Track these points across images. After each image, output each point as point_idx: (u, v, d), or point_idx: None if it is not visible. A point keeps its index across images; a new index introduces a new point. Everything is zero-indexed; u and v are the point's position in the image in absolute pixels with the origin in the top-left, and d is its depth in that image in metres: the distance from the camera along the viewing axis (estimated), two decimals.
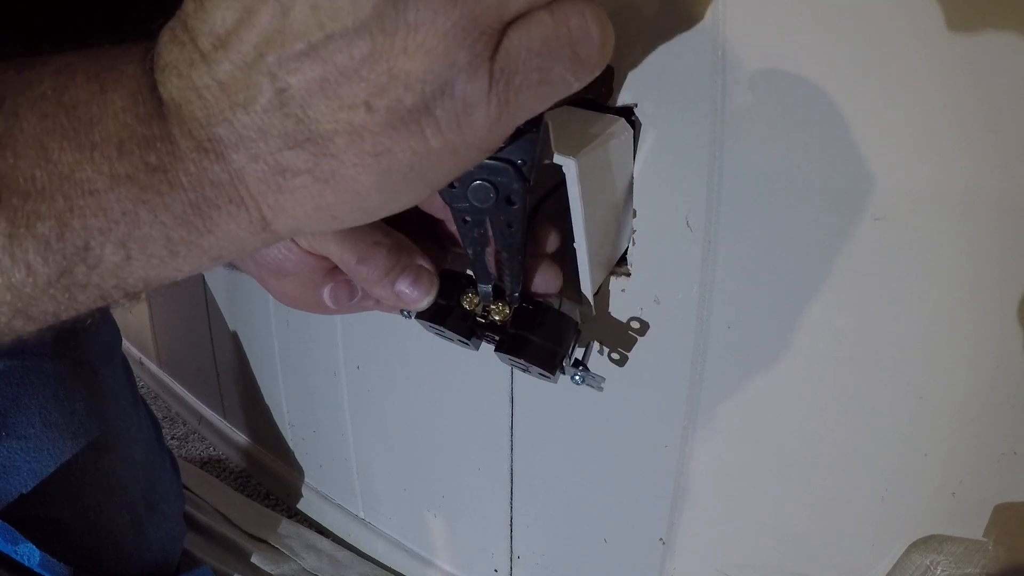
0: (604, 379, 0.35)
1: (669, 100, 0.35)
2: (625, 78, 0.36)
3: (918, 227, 0.31)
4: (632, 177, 0.37)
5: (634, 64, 0.36)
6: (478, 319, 0.34)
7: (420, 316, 0.34)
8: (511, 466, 0.53)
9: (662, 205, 0.37)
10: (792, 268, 0.35)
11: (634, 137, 0.36)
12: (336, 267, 0.35)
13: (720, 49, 0.33)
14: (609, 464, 0.47)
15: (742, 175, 0.34)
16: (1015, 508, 0.32)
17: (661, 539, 0.45)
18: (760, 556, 0.42)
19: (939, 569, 0.34)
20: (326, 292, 0.35)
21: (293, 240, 0.32)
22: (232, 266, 0.42)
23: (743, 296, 0.37)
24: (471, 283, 0.34)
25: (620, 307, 0.41)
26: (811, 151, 0.32)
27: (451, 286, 0.34)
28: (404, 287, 0.32)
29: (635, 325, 0.40)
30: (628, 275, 0.40)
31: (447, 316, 0.34)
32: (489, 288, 0.33)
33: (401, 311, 0.37)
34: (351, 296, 0.35)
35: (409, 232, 0.34)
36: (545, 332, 0.33)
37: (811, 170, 0.32)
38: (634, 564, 0.48)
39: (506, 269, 0.31)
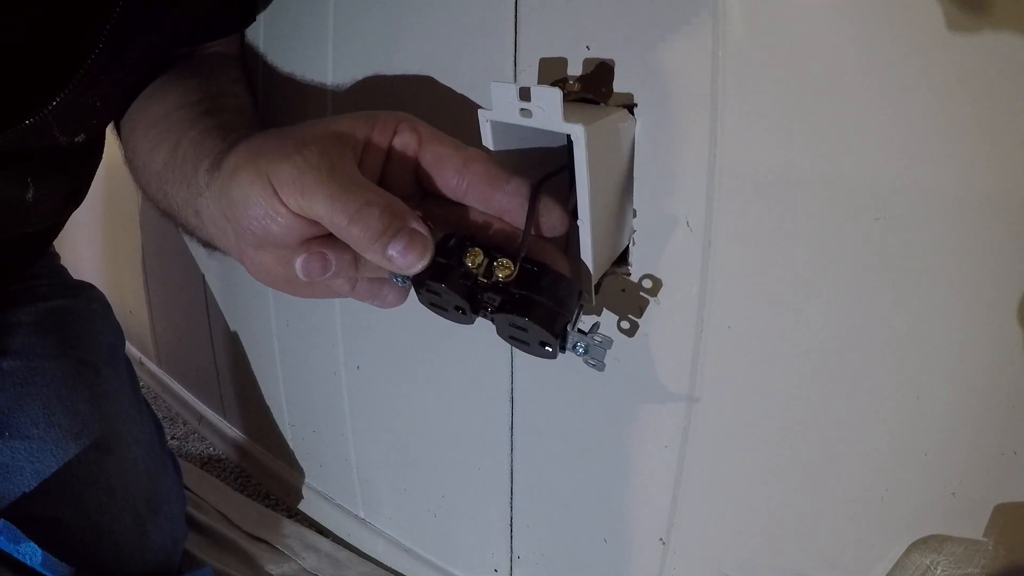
0: (612, 342, 0.32)
1: (669, 99, 0.35)
2: (625, 77, 0.36)
3: (918, 227, 0.31)
4: (633, 166, 0.37)
5: (633, 63, 0.36)
6: (480, 279, 0.32)
7: (418, 276, 0.32)
8: (511, 466, 0.54)
9: (662, 205, 0.37)
10: (792, 268, 0.35)
11: (634, 135, 0.36)
12: (312, 239, 0.33)
13: (720, 48, 0.33)
14: (609, 464, 0.47)
15: (742, 175, 0.34)
16: (1015, 508, 0.33)
17: (661, 539, 0.45)
18: (760, 556, 0.42)
19: (939, 569, 0.34)
20: (299, 262, 0.33)
21: (282, 202, 0.31)
22: (212, 246, 0.41)
23: (743, 296, 0.37)
24: (475, 242, 0.32)
25: (620, 307, 0.41)
26: (811, 151, 0.32)
27: (451, 246, 0.33)
28: (396, 251, 0.30)
29: (647, 284, 0.39)
30: (628, 275, 0.40)
31: (446, 273, 0.32)
32: None
33: (394, 276, 0.35)
34: (324, 269, 0.33)
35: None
36: (549, 294, 0.31)
37: (811, 170, 0.33)
38: (634, 564, 0.48)
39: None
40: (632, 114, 0.36)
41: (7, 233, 0.47)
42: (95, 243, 1.15)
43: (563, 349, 0.32)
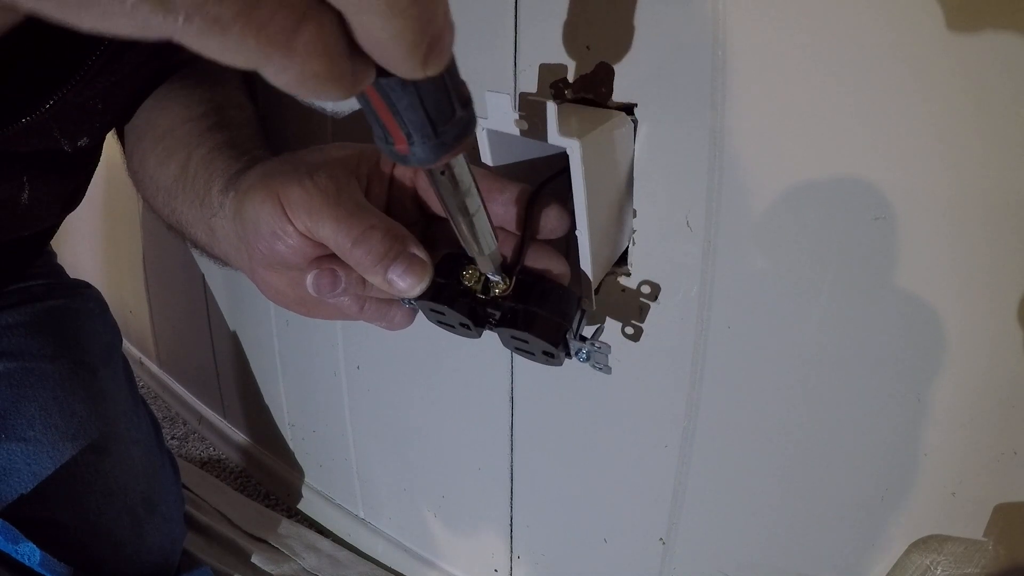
0: (611, 348, 0.33)
1: (669, 99, 0.35)
2: (625, 78, 0.36)
3: (918, 227, 0.31)
4: (632, 169, 0.37)
5: (634, 63, 0.36)
6: (478, 296, 0.33)
7: (419, 297, 0.33)
8: (511, 466, 0.53)
9: (662, 205, 0.37)
10: (792, 268, 0.35)
11: (634, 135, 0.36)
12: (322, 257, 0.34)
13: (720, 48, 0.33)
14: (609, 464, 0.47)
15: (742, 175, 0.34)
16: (1015, 508, 0.32)
17: (661, 539, 0.45)
18: (760, 556, 0.42)
19: (939, 569, 0.34)
20: (309, 278, 0.34)
21: (290, 222, 0.32)
22: (224, 262, 0.42)
23: (743, 296, 0.37)
24: (471, 261, 0.33)
25: (622, 313, 0.41)
26: (811, 150, 0.32)
27: (450, 266, 0.33)
28: (396, 275, 0.31)
29: (646, 290, 0.40)
30: (628, 275, 0.40)
31: (446, 294, 0.33)
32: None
33: (401, 299, 0.36)
34: (334, 285, 0.34)
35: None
36: (548, 306, 0.32)
37: (811, 170, 0.32)
38: (634, 564, 0.48)
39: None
40: (632, 114, 0.36)
41: (3, 235, 0.47)
42: (95, 243, 1.14)
43: (568, 356, 0.33)
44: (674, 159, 0.36)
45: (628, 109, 0.36)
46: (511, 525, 0.56)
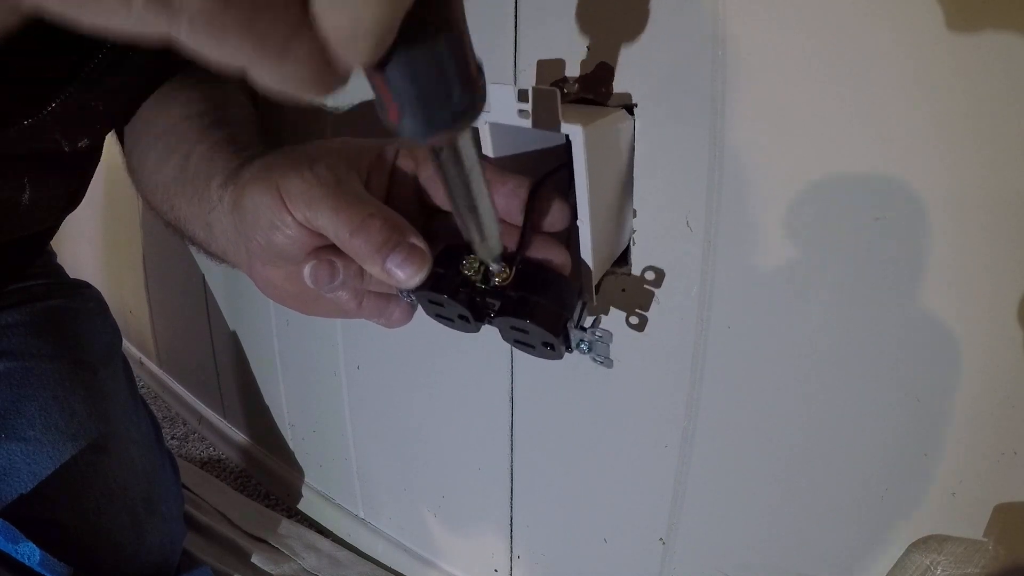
0: (612, 336, 0.32)
1: (669, 99, 0.35)
2: (625, 78, 0.36)
3: (918, 227, 0.31)
4: (632, 167, 0.37)
5: (634, 63, 0.36)
6: (478, 286, 0.32)
7: (418, 288, 0.33)
8: (511, 466, 0.53)
9: (662, 205, 0.37)
10: (792, 268, 0.35)
11: (634, 134, 0.36)
12: (321, 248, 0.34)
13: (720, 48, 0.33)
14: (609, 464, 0.47)
15: (742, 174, 0.34)
16: (1015, 508, 0.32)
17: (661, 539, 0.45)
18: (760, 556, 0.42)
19: (939, 569, 0.34)
20: (307, 269, 0.33)
21: (289, 212, 0.32)
22: (221, 259, 0.41)
23: (743, 296, 0.37)
24: (471, 252, 0.32)
25: (626, 303, 0.41)
26: (811, 150, 0.32)
27: (449, 257, 0.33)
28: (395, 264, 0.31)
29: (650, 276, 0.39)
30: (628, 275, 0.40)
31: (445, 284, 0.33)
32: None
33: (400, 292, 0.36)
34: (332, 276, 0.34)
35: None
36: (549, 295, 0.31)
37: (811, 169, 0.32)
38: (634, 564, 0.48)
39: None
40: (632, 114, 0.36)
41: (3, 236, 0.47)
42: (96, 243, 1.15)
43: (568, 348, 0.32)
44: (674, 159, 0.36)
45: (628, 109, 0.36)
46: (511, 525, 0.56)
